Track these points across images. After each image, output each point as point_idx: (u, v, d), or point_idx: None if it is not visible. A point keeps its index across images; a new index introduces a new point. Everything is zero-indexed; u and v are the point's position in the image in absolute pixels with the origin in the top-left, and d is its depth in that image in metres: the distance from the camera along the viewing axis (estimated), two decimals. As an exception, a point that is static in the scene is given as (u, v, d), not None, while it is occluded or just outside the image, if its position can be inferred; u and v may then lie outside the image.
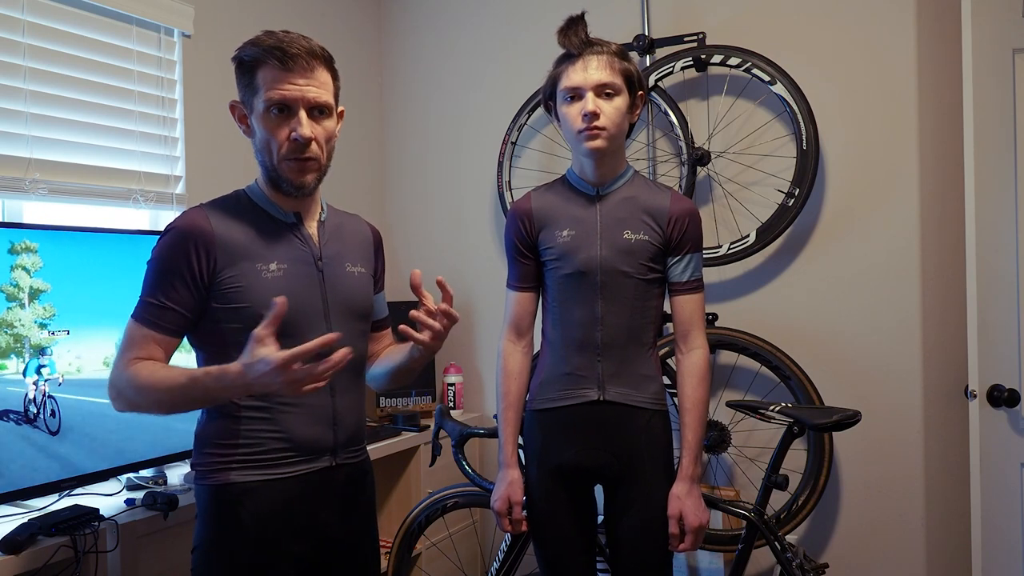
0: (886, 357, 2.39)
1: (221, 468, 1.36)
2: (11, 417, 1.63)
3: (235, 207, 1.41)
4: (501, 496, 1.72)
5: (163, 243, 1.34)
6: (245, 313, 1.31)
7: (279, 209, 1.42)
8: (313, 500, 1.41)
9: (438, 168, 3.11)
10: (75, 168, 2.02)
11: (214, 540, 1.36)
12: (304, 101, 1.34)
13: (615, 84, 1.63)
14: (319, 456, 1.42)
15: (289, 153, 1.35)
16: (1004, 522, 1.98)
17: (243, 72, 1.37)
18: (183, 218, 1.36)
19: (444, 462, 2.28)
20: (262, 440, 1.37)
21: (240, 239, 1.36)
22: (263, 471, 1.36)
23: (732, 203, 2.54)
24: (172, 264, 1.32)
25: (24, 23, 1.92)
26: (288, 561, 1.38)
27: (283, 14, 2.71)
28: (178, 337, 1.36)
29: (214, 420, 1.39)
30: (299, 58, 1.34)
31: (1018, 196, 1.99)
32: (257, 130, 1.37)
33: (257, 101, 1.35)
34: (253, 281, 1.34)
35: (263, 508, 1.35)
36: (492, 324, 2.98)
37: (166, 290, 1.32)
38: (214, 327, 1.35)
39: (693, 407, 1.67)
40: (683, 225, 1.68)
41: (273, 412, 1.37)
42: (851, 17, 2.42)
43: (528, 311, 1.78)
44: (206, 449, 1.38)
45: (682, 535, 1.63)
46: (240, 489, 1.35)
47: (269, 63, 1.33)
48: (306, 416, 1.40)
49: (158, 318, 1.32)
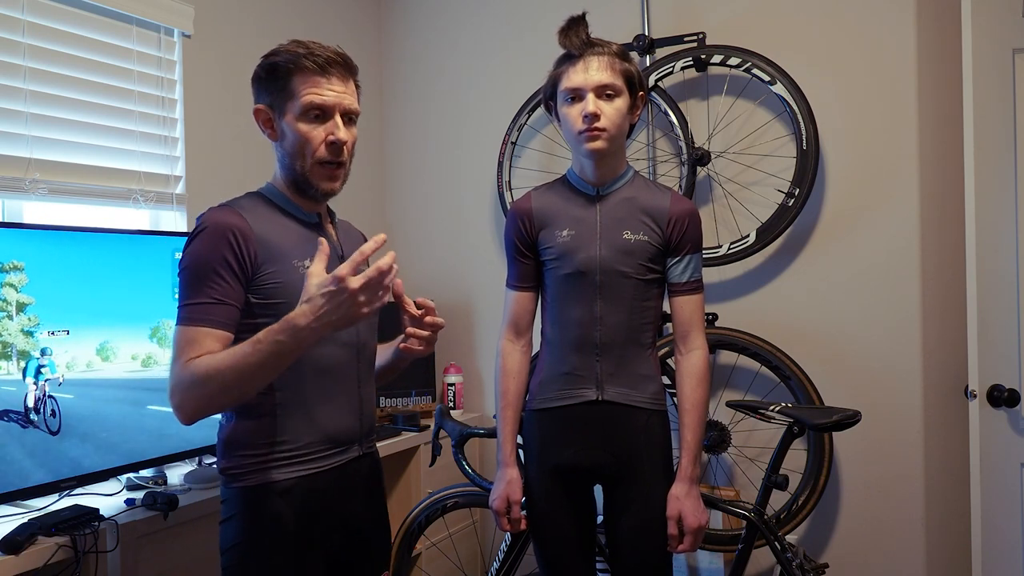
0: (886, 357, 2.39)
1: (259, 468, 1.36)
2: (11, 417, 1.63)
3: (259, 206, 1.41)
4: (500, 495, 1.73)
5: (200, 242, 1.32)
6: (281, 308, 1.31)
7: (301, 210, 1.45)
8: (345, 491, 1.45)
9: (438, 168, 3.11)
10: (75, 168, 2.02)
11: (252, 540, 1.36)
12: (341, 107, 1.40)
13: (616, 85, 1.63)
14: (350, 447, 1.46)
15: (325, 156, 1.39)
16: (1004, 522, 1.99)
17: (275, 77, 1.39)
18: (214, 217, 1.34)
19: (444, 462, 2.28)
20: (300, 436, 1.39)
21: (274, 236, 1.37)
22: (303, 467, 1.39)
23: (732, 203, 2.54)
24: (215, 259, 1.30)
25: (24, 23, 1.92)
26: (321, 553, 1.41)
27: (283, 14, 2.71)
28: (232, 332, 1.31)
29: (245, 421, 1.38)
30: (337, 66, 1.39)
31: (1018, 196, 1.99)
32: (288, 133, 1.39)
33: (293, 104, 1.37)
34: (291, 277, 1.35)
35: (303, 504, 1.38)
36: (492, 324, 2.97)
37: (215, 285, 1.29)
38: (249, 323, 1.34)
39: (693, 407, 1.67)
40: (683, 226, 1.68)
41: (308, 407, 1.39)
42: (851, 17, 2.42)
43: (527, 310, 1.78)
44: (240, 452, 1.38)
45: (681, 535, 1.64)
46: (281, 488, 1.36)
47: (307, 68, 1.37)
48: (338, 408, 1.44)
49: (212, 315, 1.29)
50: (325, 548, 1.42)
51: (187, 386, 1.25)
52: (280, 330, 1.21)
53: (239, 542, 1.37)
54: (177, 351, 1.28)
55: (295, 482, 1.37)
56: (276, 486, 1.36)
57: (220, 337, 1.29)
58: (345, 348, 1.45)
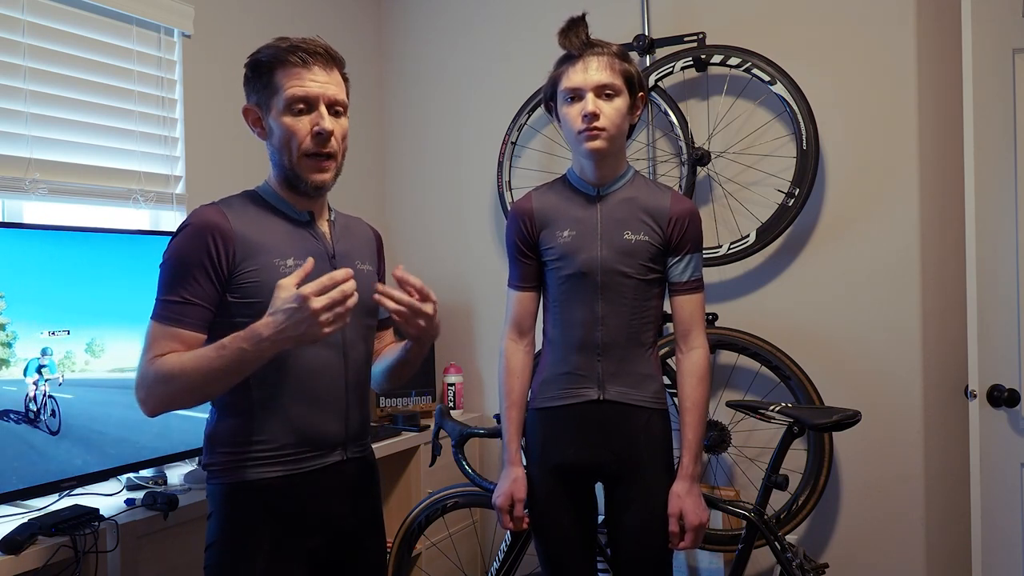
0: (886, 357, 2.39)
1: (236, 467, 1.36)
2: (11, 417, 1.63)
3: (248, 205, 1.42)
4: (504, 492, 1.73)
5: (180, 240, 1.34)
6: (260, 307, 1.30)
7: (292, 208, 1.44)
8: (326, 494, 1.43)
9: (438, 168, 3.11)
10: (75, 168, 2.02)
11: (230, 538, 1.36)
12: (325, 97, 1.38)
13: (615, 85, 1.63)
14: (331, 451, 1.44)
15: (312, 147, 1.37)
16: (1004, 522, 1.99)
17: (260, 73, 1.39)
18: (198, 214, 1.35)
19: (444, 462, 2.28)
20: (277, 436, 1.38)
21: (257, 234, 1.37)
22: (278, 467, 1.37)
23: (732, 203, 2.54)
24: (192, 259, 1.31)
25: (24, 23, 1.92)
26: (302, 555, 1.39)
27: (283, 14, 2.71)
28: (203, 333, 1.33)
29: (226, 419, 1.39)
30: (319, 56, 1.38)
31: (1018, 196, 1.99)
32: (275, 128, 1.39)
33: (277, 99, 1.37)
34: (270, 275, 1.34)
35: (279, 504, 1.37)
36: (492, 324, 2.98)
37: (188, 285, 1.31)
38: (227, 320, 1.34)
39: (693, 407, 1.68)
40: (683, 225, 1.68)
41: (287, 408, 1.38)
42: (851, 17, 2.42)
43: (529, 311, 1.78)
44: (220, 448, 1.38)
45: (682, 533, 1.64)
46: (256, 487, 1.36)
47: (289, 61, 1.36)
48: (320, 410, 1.41)
49: (182, 315, 1.31)
50: (306, 549, 1.40)
51: (151, 382, 1.28)
52: (244, 338, 1.24)
53: (217, 539, 1.37)
54: (146, 346, 1.31)
55: (271, 482, 1.36)
56: (252, 484, 1.36)
57: (189, 338, 1.31)
58: (330, 349, 1.42)
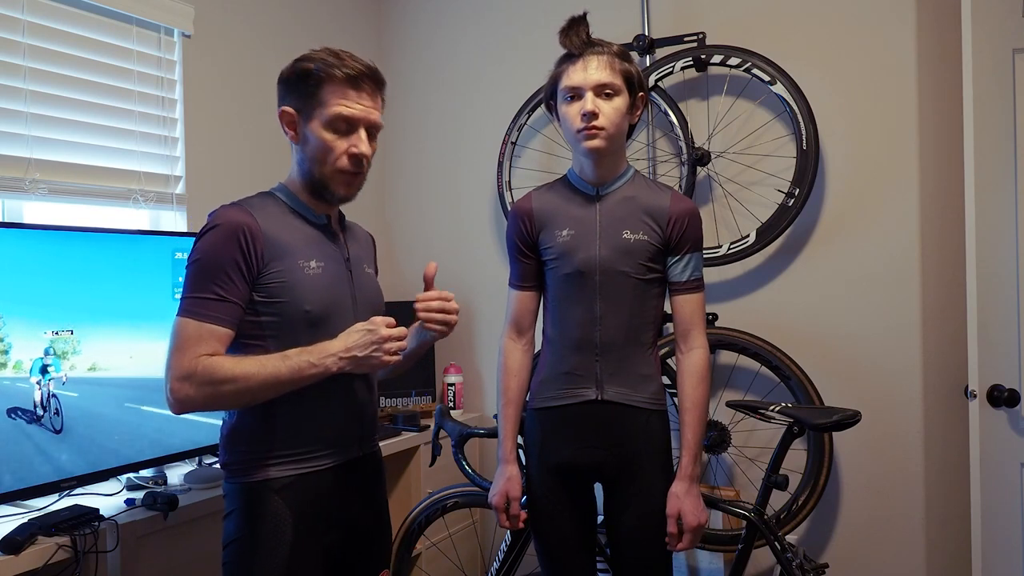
0: (886, 357, 2.39)
1: (258, 465, 1.38)
2: (19, 415, 1.63)
3: (269, 206, 1.43)
4: (499, 491, 1.73)
5: (212, 238, 1.35)
6: (284, 307, 1.35)
7: (312, 211, 1.47)
8: (344, 491, 1.46)
9: (438, 168, 3.11)
10: (75, 168, 2.02)
11: (250, 536, 1.37)
12: (366, 121, 1.42)
13: (615, 84, 1.63)
14: (349, 447, 1.48)
15: (347, 166, 1.41)
16: (1004, 522, 1.98)
17: (306, 83, 1.40)
18: (226, 215, 1.37)
19: (444, 462, 2.28)
20: (297, 434, 1.40)
21: (282, 235, 1.39)
22: (299, 465, 1.40)
23: (732, 203, 2.54)
24: (226, 257, 1.33)
25: (24, 23, 1.92)
26: (320, 552, 1.42)
27: (283, 15, 2.71)
28: (234, 330, 1.35)
29: (245, 418, 1.40)
30: (368, 80, 1.41)
31: (1018, 196, 1.99)
32: (312, 139, 1.41)
33: (320, 112, 1.39)
34: (296, 276, 1.37)
35: (300, 502, 1.38)
36: (492, 324, 2.97)
37: (224, 284, 1.32)
38: (251, 319, 1.37)
39: (693, 407, 1.68)
40: (683, 225, 1.68)
41: (307, 406, 1.40)
42: (851, 17, 2.42)
43: (529, 310, 1.79)
44: (240, 447, 1.40)
45: (681, 534, 1.64)
46: (277, 485, 1.38)
47: (338, 79, 1.38)
48: (338, 408, 1.45)
49: (218, 311, 1.32)
50: (323, 546, 1.42)
51: (202, 381, 1.29)
52: (311, 351, 1.31)
53: (238, 538, 1.38)
54: (182, 343, 1.31)
55: (292, 480, 1.39)
56: (274, 483, 1.38)
57: (224, 335, 1.33)
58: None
